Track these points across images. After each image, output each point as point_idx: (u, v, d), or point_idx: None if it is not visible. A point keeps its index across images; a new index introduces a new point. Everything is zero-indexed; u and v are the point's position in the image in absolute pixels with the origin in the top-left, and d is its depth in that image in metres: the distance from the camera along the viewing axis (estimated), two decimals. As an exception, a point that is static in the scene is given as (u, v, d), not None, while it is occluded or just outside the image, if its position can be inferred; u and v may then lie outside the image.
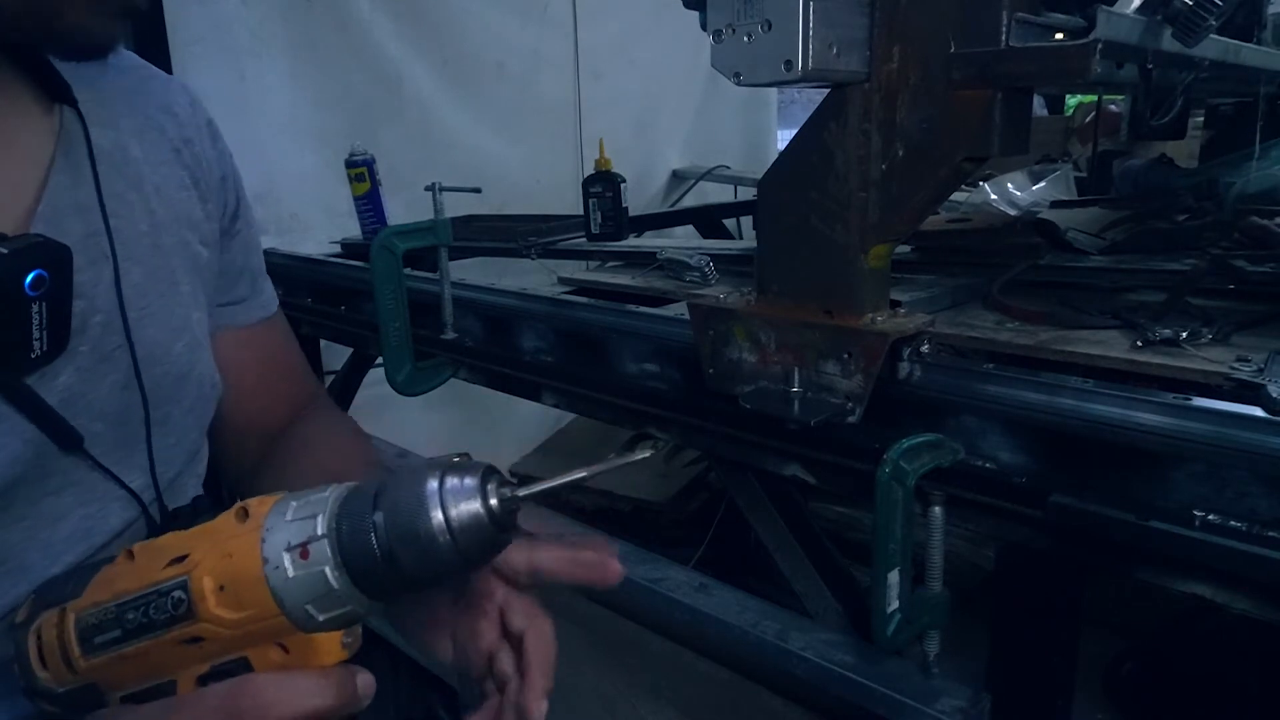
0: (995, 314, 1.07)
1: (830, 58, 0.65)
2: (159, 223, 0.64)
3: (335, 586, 0.38)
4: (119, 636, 0.41)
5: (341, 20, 1.96)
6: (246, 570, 0.38)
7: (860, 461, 0.75)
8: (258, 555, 0.38)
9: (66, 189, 0.57)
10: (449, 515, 0.37)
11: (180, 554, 0.40)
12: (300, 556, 0.38)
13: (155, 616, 0.40)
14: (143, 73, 0.68)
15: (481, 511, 0.38)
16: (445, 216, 1.17)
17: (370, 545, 0.38)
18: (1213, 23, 0.62)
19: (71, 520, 0.57)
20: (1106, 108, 2.26)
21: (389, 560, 0.38)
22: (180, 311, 0.65)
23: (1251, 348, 0.85)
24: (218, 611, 0.39)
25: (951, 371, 0.74)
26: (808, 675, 0.73)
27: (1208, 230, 1.37)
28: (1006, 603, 0.77)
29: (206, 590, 0.39)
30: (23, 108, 0.57)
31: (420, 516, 0.37)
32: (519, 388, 1.16)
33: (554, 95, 2.48)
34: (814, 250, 0.73)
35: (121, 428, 0.59)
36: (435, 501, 0.37)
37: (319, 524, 0.38)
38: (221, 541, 0.40)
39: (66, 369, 0.55)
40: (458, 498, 0.38)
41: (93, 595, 0.42)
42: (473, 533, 0.38)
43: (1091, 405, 0.66)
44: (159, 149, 0.66)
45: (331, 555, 0.38)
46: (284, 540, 0.38)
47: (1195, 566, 0.62)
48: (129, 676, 0.42)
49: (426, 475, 0.38)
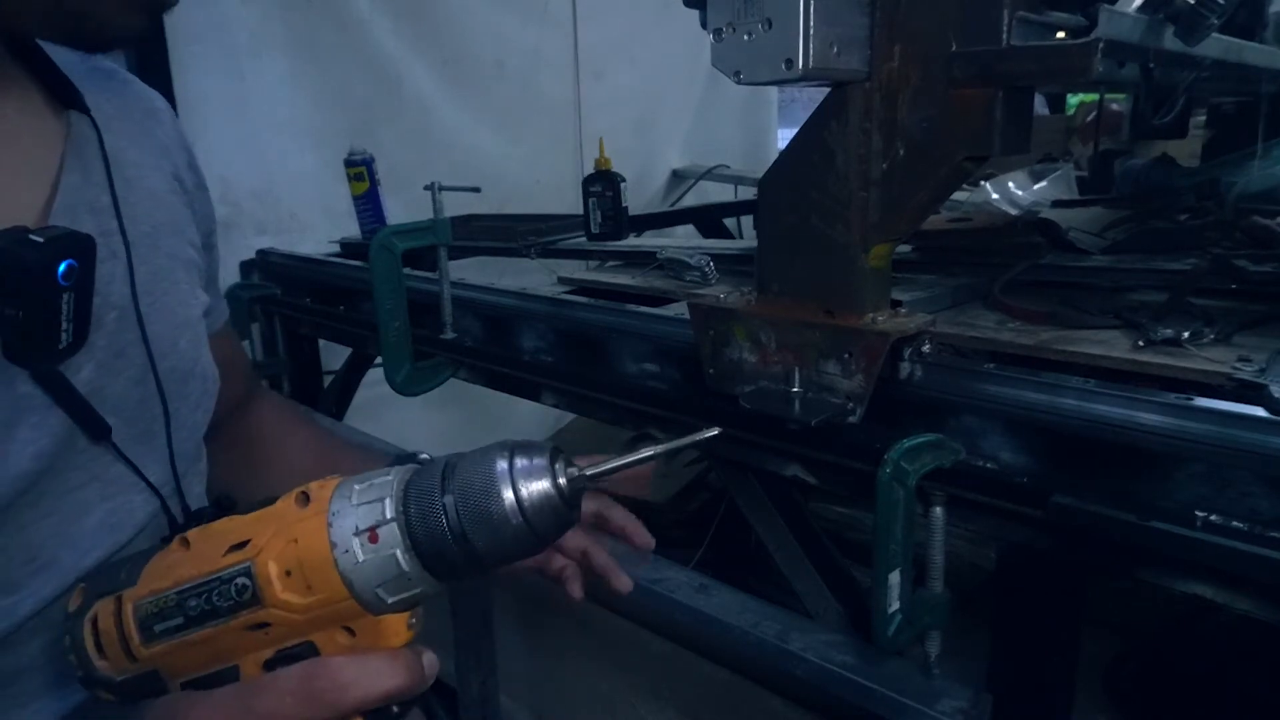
0: (996, 314, 1.07)
1: (831, 56, 0.64)
2: (158, 224, 0.65)
3: (406, 569, 0.38)
4: (181, 624, 0.41)
5: (341, 20, 1.96)
6: (315, 555, 0.38)
7: (861, 461, 0.75)
8: (325, 540, 0.38)
9: (78, 188, 0.58)
10: (520, 495, 0.38)
11: (241, 540, 0.40)
12: (369, 540, 0.38)
13: (219, 603, 0.40)
14: (123, 77, 0.69)
15: (552, 490, 0.38)
16: (445, 216, 1.17)
17: (442, 527, 0.38)
18: (1214, 22, 0.61)
19: (97, 514, 0.57)
20: (1108, 107, 2.25)
21: (461, 542, 0.38)
22: (182, 309, 0.66)
23: (1253, 348, 0.85)
24: (285, 596, 0.39)
25: (952, 371, 0.74)
26: (808, 676, 0.73)
27: (1209, 230, 1.37)
28: (1007, 603, 0.77)
29: (272, 576, 0.39)
30: (33, 111, 0.58)
31: (492, 497, 0.37)
32: (519, 388, 1.16)
33: (554, 95, 2.48)
34: (814, 250, 0.73)
35: (137, 423, 0.60)
36: (506, 481, 0.38)
37: (387, 507, 0.38)
38: (286, 527, 0.40)
39: (89, 362, 0.56)
40: (528, 477, 0.38)
41: (150, 583, 0.42)
42: (544, 512, 0.38)
43: (1093, 405, 0.65)
44: (150, 153, 0.67)
45: (401, 538, 0.38)
46: (352, 524, 0.38)
47: (1196, 567, 0.61)
48: (191, 663, 0.42)
49: (496, 455, 0.38)
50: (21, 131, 0.56)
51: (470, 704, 1.14)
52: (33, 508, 0.53)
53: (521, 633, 1.14)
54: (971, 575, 1.48)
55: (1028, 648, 0.75)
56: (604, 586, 0.48)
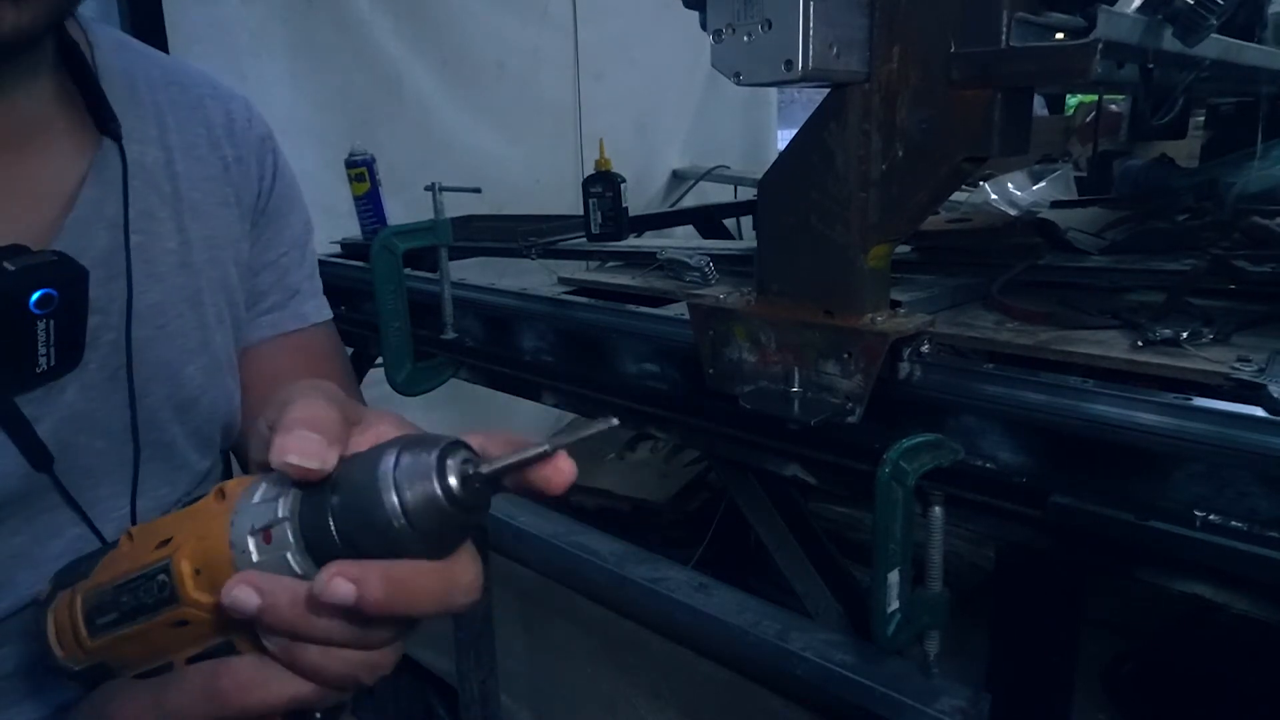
0: (995, 314, 1.07)
1: (830, 57, 0.65)
2: (190, 240, 0.64)
3: (299, 571, 0.36)
4: (117, 618, 0.40)
5: (341, 20, 1.96)
6: (217, 553, 0.37)
7: (860, 461, 0.75)
8: (227, 538, 0.37)
9: (94, 203, 0.58)
10: (403, 497, 0.34)
11: (167, 536, 0.40)
12: (264, 540, 0.37)
13: (144, 599, 0.39)
14: (203, 90, 0.68)
15: (438, 492, 0.34)
16: (445, 216, 1.17)
17: (329, 530, 0.35)
18: (1214, 22, 0.61)
19: (64, 538, 0.57)
20: (1107, 107, 2.26)
21: (349, 545, 0.35)
22: (201, 333, 0.65)
23: (1252, 348, 0.85)
24: (196, 595, 0.38)
25: (951, 371, 0.74)
26: (808, 675, 0.73)
27: (1208, 230, 1.37)
28: (1006, 603, 0.77)
29: (185, 574, 0.38)
30: (63, 126, 0.58)
31: (374, 499, 0.34)
32: (519, 388, 1.16)
33: (554, 95, 2.48)
34: (814, 250, 0.73)
35: (127, 447, 0.59)
36: (389, 482, 0.34)
37: (280, 507, 0.37)
38: (200, 523, 0.39)
39: (73, 385, 0.55)
40: (413, 478, 0.34)
41: (98, 577, 0.42)
42: (431, 516, 0.35)
43: (1092, 405, 0.66)
44: (207, 166, 0.66)
45: (294, 540, 0.36)
46: (249, 523, 0.37)
47: (1195, 566, 0.61)
48: (131, 656, 0.41)
49: (385, 452, 0.35)
50: (49, 149, 0.57)
51: (470, 704, 1.14)
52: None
53: (521, 633, 1.15)
54: (971, 575, 1.48)
55: (1027, 647, 0.75)
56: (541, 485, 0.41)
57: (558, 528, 0.98)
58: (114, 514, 0.59)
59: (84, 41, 0.61)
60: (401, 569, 0.35)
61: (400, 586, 0.35)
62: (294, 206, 0.75)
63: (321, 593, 0.34)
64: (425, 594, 0.36)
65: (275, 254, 0.73)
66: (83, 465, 0.57)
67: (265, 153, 0.72)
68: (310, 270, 0.78)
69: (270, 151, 0.72)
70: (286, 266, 0.74)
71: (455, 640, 1.13)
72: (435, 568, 0.36)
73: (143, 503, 0.61)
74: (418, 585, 0.36)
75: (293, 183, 0.75)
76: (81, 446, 0.56)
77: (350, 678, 0.38)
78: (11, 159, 0.55)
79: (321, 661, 0.37)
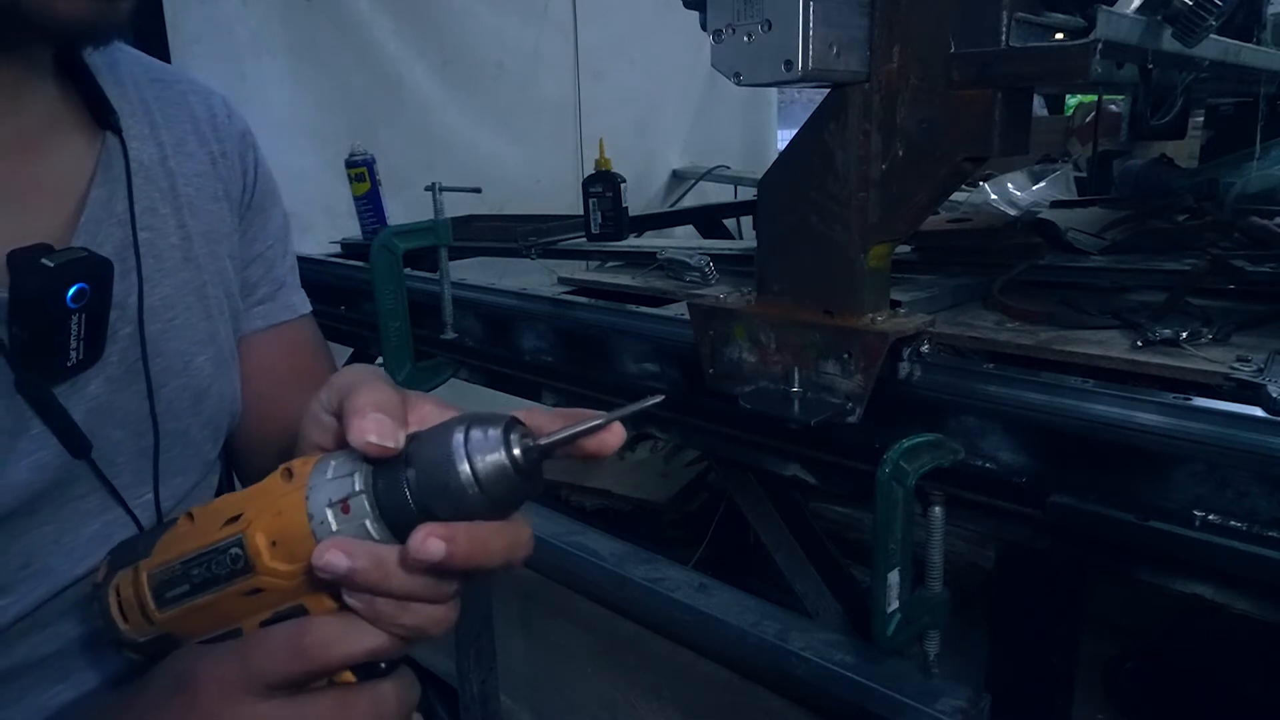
0: (995, 314, 1.07)
1: (830, 58, 0.65)
2: (190, 235, 0.65)
3: (376, 538, 0.41)
4: (187, 590, 0.44)
5: (341, 20, 1.97)
6: (295, 526, 0.41)
7: (860, 461, 0.75)
8: (304, 512, 0.41)
9: (105, 202, 0.59)
10: (475, 468, 0.39)
11: (235, 514, 0.43)
12: (342, 511, 0.41)
13: (217, 571, 0.43)
14: (184, 86, 0.69)
15: (506, 462, 0.39)
16: (445, 216, 1.17)
17: (405, 500, 0.40)
18: (1212, 23, 0.61)
19: (95, 525, 0.58)
20: (1106, 108, 2.26)
21: (424, 512, 0.40)
22: (207, 325, 0.66)
23: (1251, 348, 0.85)
24: (273, 564, 0.42)
25: (951, 371, 0.74)
26: (808, 675, 0.73)
27: (1208, 230, 1.37)
28: (1006, 603, 0.77)
29: (261, 546, 0.42)
30: (69, 125, 0.59)
31: (449, 470, 0.39)
32: (519, 388, 1.16)
33: (554, 95, 2.48)
34: (814, 250, 0.73)
35: (144, 437, 0.61)
36: (461, 455, 0.39)
37: (356, 480, 0.41)
38: (271, 500, 0.43)
39: (96, 378, 0.57)
40: (483, 450, 0.39)
41: (161, 555, 0.46)
42: (499, 482, 0.39)
43: (1091, 405, 0.66)
44: (196, 162, 0.67)
45: (370, 509, 0.41)
46: (326, 497, 0.41)
47: (1195, 566, 0.62)
48: (200, 626, 0.45)
49: (453, 429, 0.40)
50: (58, 148, 0.58)
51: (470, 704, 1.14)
52: (31, 515, 0.55)
53: (521, 633, 1.15)
54: (971, 575, 1.48)
55: (1027, 647, 0.75)
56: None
57: (558, 528, 0.98)
58: (138, 501, 0.61)
59: None
60: (480, 529, 0.40)
61: (480, 544, 0.40)
62: (275, 201, 0.77)
63: (417, 550, 0.38)
64: (498, 550, 0.41)
65: (262, 246, 0.75)
66: (106, 456, 0.58)
67: (246, 148, 0.73)
68: (292, 263, 0.80)
69: (251, 147, 0.74)
70: (272, 259, 0.76)
71: (455, 640, 1.13)
72: (502, 527, 0.41)
73: (162, 490, 0.62)
74: (492, 543, 0.41)
75: (271, 177, 0.77)
76: (104, 437, 0.58)
77: (421, 630, 0.43)
78: (27, 159, 0.56)
79: (398, 615, 0.42)
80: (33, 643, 0.56)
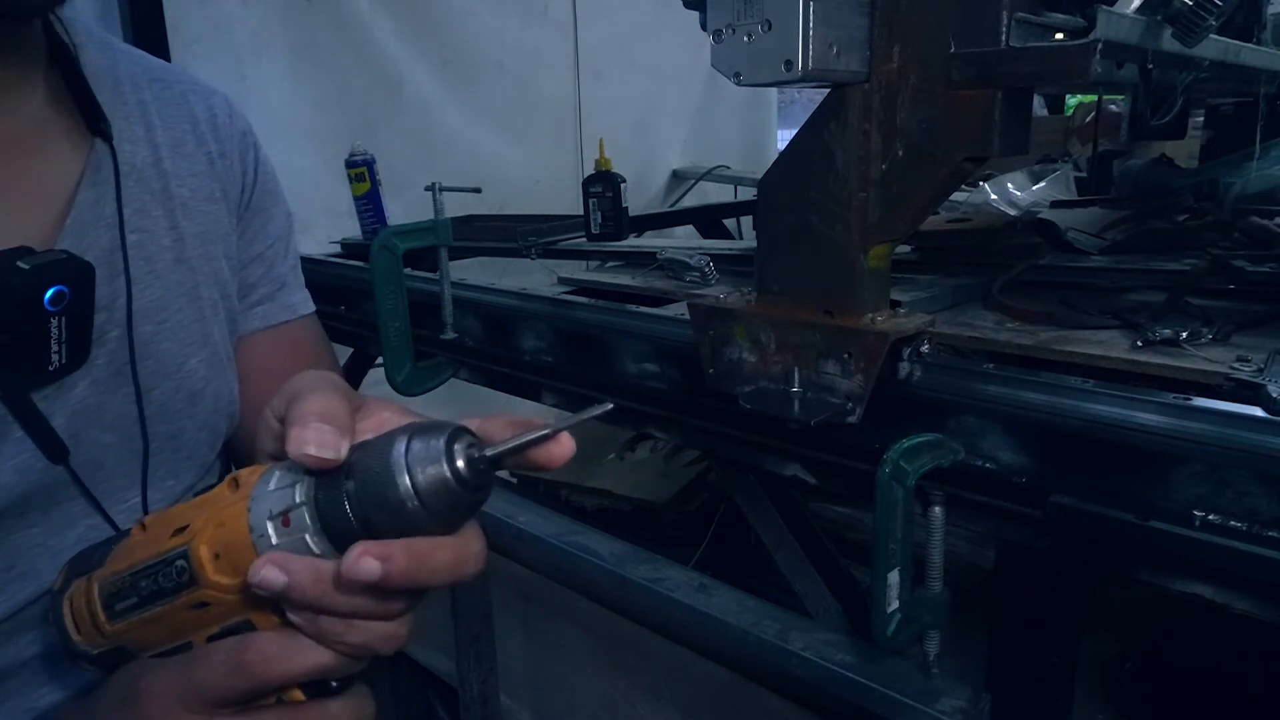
0: (995, 314, 1.07)
1: (830, 58, 0.65)
2: (183, 237, 0.65)
3: (317, 552, 0.39)
4: (136, 603, 0.43)
5: (341, 20, 1.97)
6: (237, 538, 0.40)
7: (860, 461, 0.75)
8: (246, 523, 0.40)
9: (92, 204, 0.58)
10: (415, 480, 0.37)
11: (183, 524, 0.42)
12: (283, 524, 0.39)
13: (164, 584, 0.42)
14: (185, 86, 0.69)
15: (448, 474, 0.38)
16: (445, 216, 1.17)
17: (345, 513, 0.38)
18: (1212, 23, 0.61)
19: (78, 529, 0.58)
20: (1106, 108, 2.26)
21: (365, 526, 0.38)
22: (200, 326, 0.65)
23: (1251, 348, 0.85)
24: (216, 578, 0.41)
25: (951, 371, 0.74)
26: (808, 675, 0.73)
27: (1208, 230, 1.37)
28: (1006, 603, 0.77)
29: (204, 558, 0.41)
30: (60, 129, 0.59)
31: (388, 483, 0.37)
32: (519, 388, 1.16)
33: (554, 95, 2.48)
34: (814, 250, 0.73)
35: (135, 440, 0.60)
36: (401, 466, 0.37)
37: (298, 492, 0.39)
38: (217, 511, 0.41)
39: (83, 381, 0.57)
40: (424, 461, 0.38)
41: (113, 565, 0.45)
42: (440, 495, 0.38)
43: (1091, 405, 0.66)
44: (193, 162, 0.67)
45: (311, 523, 0.39)
46: (267, 509, 0.40)
47: (1195, 567, 0.61)
48: (150, 638, 0.44)
49: (395, 440, 0.38)
50: (47, 151, 0.58)
51: (470, 704, 1.14)
52: (18, 518, 0.54)
53: (521, 633, 1.15)
54: (971, 575, 1.48)
55: (1027, 647, 0.75)
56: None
57: (558, 528, 0.98)
58: (125, 505, 0.61)
59: (69, 43, 0.61)
60: (420, 545, 0.38)
61: (420, 561, 0.38)
62: (276, 200, 0.76)
63: (350, 570, 0.37)
64: (441, 566, 0.39)
65: (262, 246, 0.74)
66: (94, 459, 0.58)
67: (247, 148, 0.73)
68: (294, 263, 0.79)
69: (251, 146, 0.73)
70: (273, 259, 0.75)
71: (455, 640, 1.13)
72: (447, 542, 0.39)
73: (152, 494, 0.62)
74: (435, 559, 0.39)
75: (274, 177, 0.76)
76: (92, 440, 0.58)
77: (368, 647, 0.41)
78: (12, 161, 0.56)
79: (342, 632, 0.40)
80: (19, 644, 0.56)
